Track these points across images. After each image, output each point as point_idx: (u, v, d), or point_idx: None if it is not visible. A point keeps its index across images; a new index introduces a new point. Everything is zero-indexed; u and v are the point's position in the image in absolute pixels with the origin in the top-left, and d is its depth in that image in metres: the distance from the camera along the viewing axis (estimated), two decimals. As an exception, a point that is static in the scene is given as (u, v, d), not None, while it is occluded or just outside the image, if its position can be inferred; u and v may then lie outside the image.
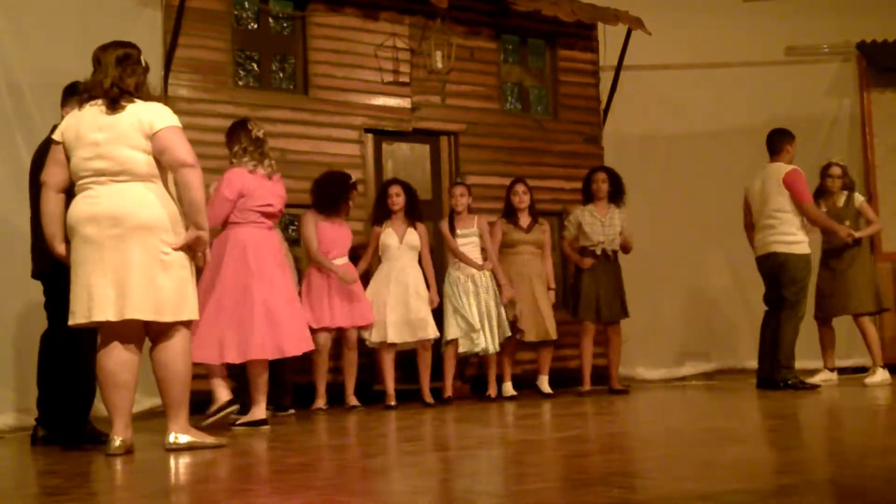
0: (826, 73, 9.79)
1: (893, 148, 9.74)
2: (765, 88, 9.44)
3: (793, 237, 7.32)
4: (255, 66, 7.71)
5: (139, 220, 4.19)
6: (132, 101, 4.29)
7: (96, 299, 4.15)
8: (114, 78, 4.28)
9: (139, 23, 6.98)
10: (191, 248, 4.34)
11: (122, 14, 6.93)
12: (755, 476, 3.05)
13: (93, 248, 4.18)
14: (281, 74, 7.84)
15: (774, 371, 7.37)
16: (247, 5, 7.71)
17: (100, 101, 4.29)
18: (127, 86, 4.30)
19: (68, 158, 4.32)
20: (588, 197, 7.87)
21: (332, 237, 6.88)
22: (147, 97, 4.35)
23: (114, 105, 4.26)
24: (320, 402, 6.82)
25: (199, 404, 5.65)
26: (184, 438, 4.33)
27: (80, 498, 3.21)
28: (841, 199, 7.87)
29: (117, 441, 4.20)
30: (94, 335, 4.96)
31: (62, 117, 5.12)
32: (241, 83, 7.58)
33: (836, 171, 7.88)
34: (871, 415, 5.55)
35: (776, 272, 7.36)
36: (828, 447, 4.09)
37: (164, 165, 4.28)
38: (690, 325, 9.39)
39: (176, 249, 4.28)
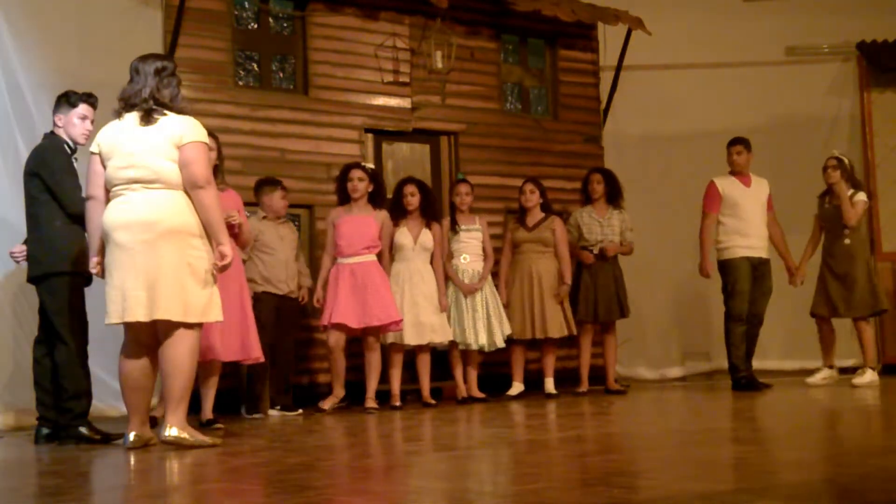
0: (826, 73, 9.76)
1: (893, 148, 9.73)
2: (765, 88, 9.42)
3: (721, 244, 7.72)
4: (255, 66, 7.70)
5: (169, 225, 4.38)
6: (164, 115, 4.48)
7: (129, 301, 4.37)
8: (152, 89, 4.49)
9: (139, 23, 6.98)
10: (218, 263, 4.49)
11: (122, 14, 6.93)
12: (755, 476, 3.05)
13: (126, 254, 4.38)
14: (281, 74, 7.83)
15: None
16: (247, 5, 7.70)
17: (135, 113, 4.48)
18: (163, 97, 4.51)
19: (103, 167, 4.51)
20: (587, 198, 7.92)
21: (350, 231, 6.69)
22: (180, 110, 4.54)
23: (148, 117, 4.46)
24: (334, 402, 6.78)
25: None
26: (179, 434, 4.42)
27: (80, 498, 3.21)
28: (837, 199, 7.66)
29: (132, 436, 4.47)
30: (87, 338, 5.06)
31: (53, 123, 5.18)
32: (241, 83, 7.57)
33: (829, 162, 7.72)
34: (869, 415, 5.55)
35: None
36: (827, 447, 4.09)
37: (183, 179, 4.43)
38: (690, 326, 9.38)
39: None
